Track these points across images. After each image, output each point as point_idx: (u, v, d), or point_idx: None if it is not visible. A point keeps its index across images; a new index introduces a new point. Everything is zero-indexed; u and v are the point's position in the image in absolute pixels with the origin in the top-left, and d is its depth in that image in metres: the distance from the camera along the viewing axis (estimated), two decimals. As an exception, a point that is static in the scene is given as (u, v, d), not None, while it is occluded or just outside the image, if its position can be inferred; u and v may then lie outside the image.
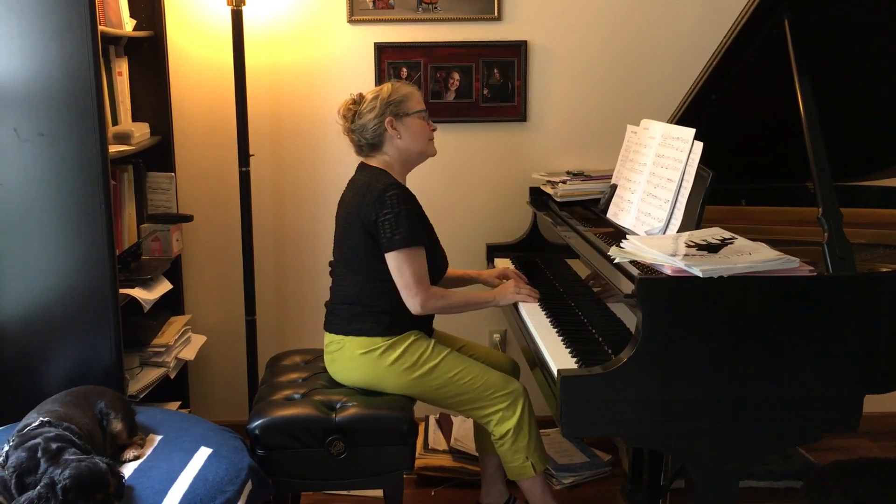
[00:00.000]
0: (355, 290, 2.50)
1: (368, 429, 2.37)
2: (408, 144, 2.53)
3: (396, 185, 2.45)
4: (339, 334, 2.51)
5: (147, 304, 2.66)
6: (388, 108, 2.50)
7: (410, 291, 2.42)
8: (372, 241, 2.43)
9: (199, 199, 3.28)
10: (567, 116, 3.30)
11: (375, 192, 2.42)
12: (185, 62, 3.19)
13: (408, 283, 2.42)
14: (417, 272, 2.42)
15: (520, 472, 2.48)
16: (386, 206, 2.39)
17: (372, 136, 2.52)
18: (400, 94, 2.53)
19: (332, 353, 2.54)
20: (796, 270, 1.89)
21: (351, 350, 2.49)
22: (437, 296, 2.48)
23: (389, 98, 2.51)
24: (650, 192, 2.39)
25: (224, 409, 3.36)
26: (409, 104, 2.53)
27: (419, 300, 2.43)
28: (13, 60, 2.30)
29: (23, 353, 2.41)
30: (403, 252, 2.40)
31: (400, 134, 2.51)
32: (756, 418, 1.92)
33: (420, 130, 2.54)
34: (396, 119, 2.50)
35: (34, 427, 1.88)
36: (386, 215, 2.39)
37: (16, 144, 2.32)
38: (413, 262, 2.41)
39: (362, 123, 2.52)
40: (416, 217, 2.44)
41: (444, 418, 3.29)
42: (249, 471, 2.12)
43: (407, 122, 2.52)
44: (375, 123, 2.50)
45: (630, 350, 1.88)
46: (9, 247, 2.37)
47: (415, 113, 2.53)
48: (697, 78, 2.58)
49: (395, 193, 2.41)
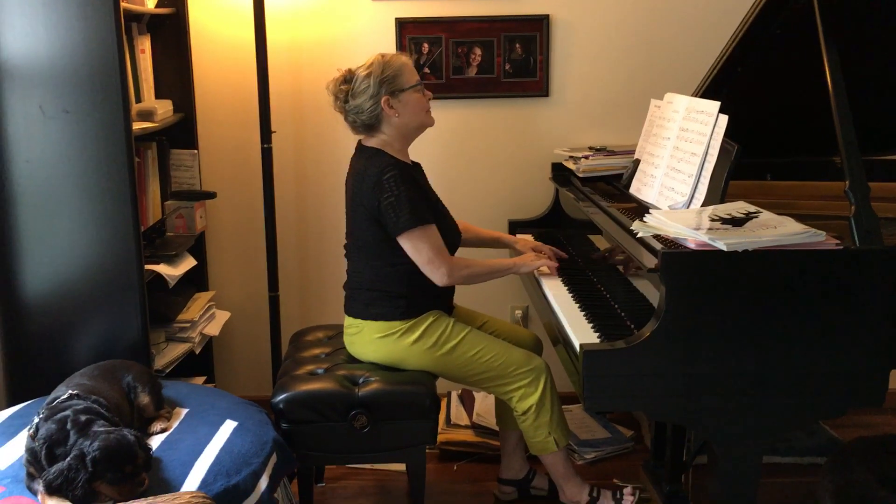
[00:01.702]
0: (370, 275, 2.49)
1: (391, 403, 2.38)
2: (406, 121, 2.46)
3: (392, 166, 2.39)
4: (358, 318, 2.52)
5: (172, 280, 2.69)
6: (383, 87, 2.40)
7: (433, 266, 2.41)
8: (379, 228, 2.41)
9: (222, 176, 3.29)
10: (589, 91, 3.27)
11: (372, 177, 2.38)
12: (207, 39, 3.20)
13: (428, 259, 2.41)
14: (434, 247, 2.41)
15: (542, 448, 2.49)
16: (385, 190, 2.35)
17: (368, 118, 2.44)
18: (393, 69, 2.42)
19: (352, 335, 2.55)
20: (822, 244, 1.87)
21: (370, 334, 2.49)
22: (461, 265, 2.47)
23: (383, 75, 2.40)
24: (674, 167, 2.36)
25: (248, 384, 3.40)
26: (404, 78, 2.43)
27: (444, 271, 2.41)
28: (38, 38, 2.31)
29: (51, 327, 2.45)
30: (414, 232, 2.37)
31: (398, 112, 2.43)
32: (780, 393, 1.91)
33: (417, 104, 2.46)
34: (393, 97, 2.41)
35: (63, 400, 1.91)
36: (387, 199, 2.35)
37: (41, 121, 2.35)
38: (427, 239, 2.39)
39: (357, 105, 2.43)
40: (417, 195, 2.40)
41: (466, 394, 3.31)
42: (274, 444, 2.14)
43: (404, 99, 2.43)
44: (371, 104, 2.41)
45: (653, 324, 1.87)
46: (36, 223, 2.40)
47: (410, 87, 2.43)
48: (723, 50, 2.55)
49: (391, 176, 2.36)
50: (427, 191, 2.53)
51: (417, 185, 2.45)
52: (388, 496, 2.85)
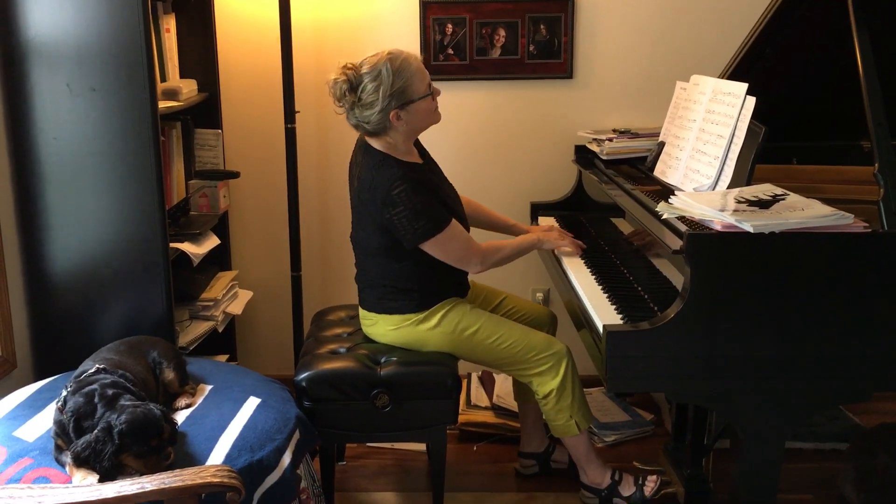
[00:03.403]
0: (377, 271, 2.48)
1: (413, 383, 2.39)
2: (413, 127, 2.38)
3: (399, 179, 2.29)
4: (372, 311, 2.52)
5: (196, 258, 2.71)
6: (392, 101, 2.28)
7: (466, 260, 2.42)
8: (387, 236, 2.37)
9: (246, 156, 3.30)
10: (614, 73, 3.25)
11: (381, 191, 2.29)
12: (232, 19, 3.20)
13: (459, 256, 2.41)
14: (461, 242, 2.40)
15: (564, 431, 2.50)
16: (397, 205, 2.28)
17: (375, 128, 2.34)
18: (403, 79, 2.28)
19: (368, 327, 2.56)
20: (850, 227, 1.85)
21: (385, 326, 2.50)
22: (492, 251, 2.48)
23: (393, 88, 2.27)
24: (699, 149, 2.35)
25: (270, 363, 3.42)
26: (415, 88, 2.30)
27: (476, 261, 2.43)
28: (65, 16, 2.33)
29: (77, 303, 2.48)
30: (438, 237, 2.33)
31: (406, 122, 2.33)
32: (804, 376, 1.90)
33: (426, 109, 2.36)
34: (402, 109, 2.30)
35: (91, 374, 1.93)
36: (400, 213, 2.28)
37: (68, 99, 2.36)
38: (451, 238, 2.36)
39: (364, 116, 2.31)
40: (429, 201, 2.33)
41: (487, 375, 3.32)
42: (297, 421, 2.16)
43: (413, 109, 2.32)
44: (379, 118, 2.30)
45: (678, 306, 1.86)
46: (63, 200, 2.43)
47: (420, 98, 2.32)
48: (750, 32, 2.52)
49: (400, 190, 2.27)
50: (437, 186, 2.45)
51: (428, 188, 2.37)
52: (408, 475, 2.87)
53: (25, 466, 1.84)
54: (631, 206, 2.37)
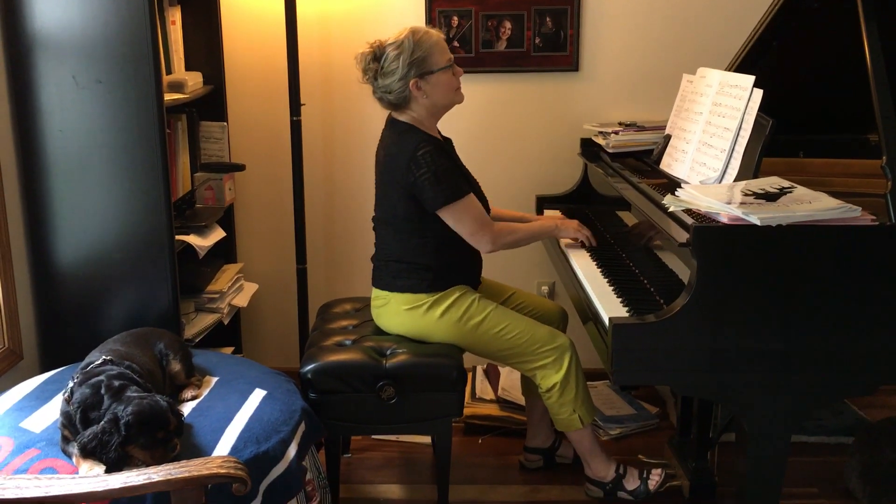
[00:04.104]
0: (397, 247, 2.50)
1: (418, 375, 2.40)
2: (434, 101, 2.44)
3: (426, 142, 2.39)
4: (385, 290, 2.53)
5: (202, 250, 2.71)
6: (412, 69, 2.38)
7: (478, 235, 2.43)
8: (412, 203, 2.41)
9: (251, 149, 3.30)
10: (620, 66, 3.24)
11: (407, 153, 2.37)
12: (237, 11, 3.20)
13: (471, 230, 2.42)
14: (476, 217, 2.42)
15: (567, 425, 2.50)
16: (421, 166, 2.35)
17: (396, 98, 2.43)
18: (423, 50, 2.38)
19: (379, 307, 2.57)
20: (858, 219, 1.84)
21: (396, 306, 2.51)
22: (505, 231, 2.49)
23: (413, 57, 2.37)
24: (706, 142, 2.34)
25: (275, 355, 3.43)
26: (434, 59, 2.40)
27: (488, 239, 2.43)
28: (71, 8, 2.33)
29: (84, 295, 2.48)
30: (456, 205, 2.39)
31: (426, 93, 2.41)
32: (810, 369, 1.90)
33: (447, 85, 2.44)
34: (422, 79, 2.39)
35: (97, 365, 1.94)
36: (423, 175, 2.35)
37: (74, 91, 2.36)
38: (468, 210, 2.41)
39: (385, 84, 2.41)
40: (452, 170, 2.42)
41: (492, 368, 3.32)
42: (303, 413, 2.16)
43: (433, 81, 2.41)
44: (400, 86, 2.39)
45: (684, 298, 1.86)
46: (69, 192, 2.43)
47: (440, 70, 2.41)
48: (758, 24, 2.51)
49: (425, 152, 2.36)
50: (460, 165, 2.55)
51: (452, 160, 2.47)
52: (413, 468, 2.88)
53: (32, 457, 1.84)
54: (637, 199, 2.36)
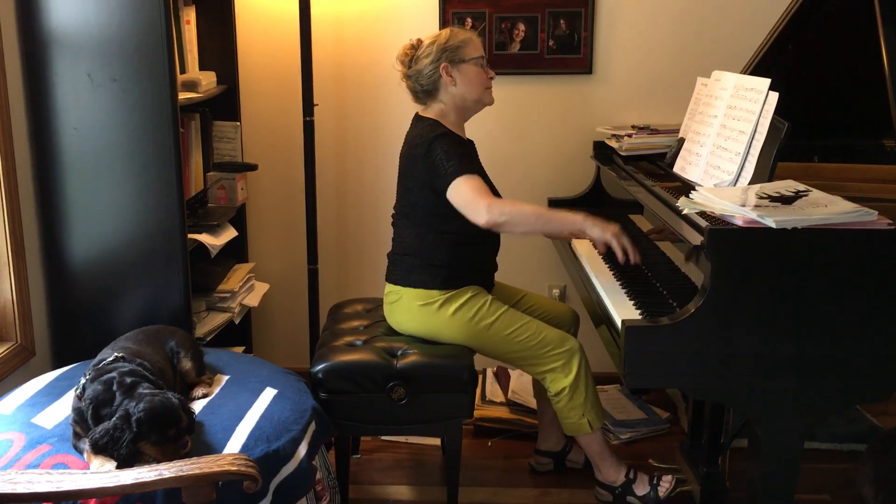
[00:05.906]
0: (414, 241, 2.50)
1: (429, 376, 2.39)
2: (462, 91, 2.50)
3: (446, 134, 2.44)
4: (398, 285, 2.53)
5: (214, 249, 2.71)
6: (444, 54, 2.47)
7: (473, 205, 2.33)
8: (432, 196, 2.42)
9: (264, 149, 3.31)
10: (634, 69, 3.23)
11: (426, 141, 2.42)
12: (252, 11, 3.20)
13: (467, 200, 2.35)
14: (475, 188, 2.35)
15: (576, 429, 2.49)
16: (436, 149, 2.39)
17: (427, 83, 2.50)
18: (458, 40, 2.49)
19: (391, 303, 2.56)
20: (874, 223, 1.83)
21: (408, 301, 2.50)
22: (508, 203, 2.36)
23: (446, 44, 2.48)
24: (720, 145, 2.33)
25: (285, 355, 3.43)
26: (466, 50, 2.49)
27: (483, 206, 2.30)
28: (87, 7, 2.34)
29: (96, 292, 2.49)
30: (459, 180, 2.35)
31: (455, 80, 2.49)
32: (825, 374, 1.88)
33: (476, 77, 2.51)
34: (452, 65, 2.48)
35: (109, 362, 1.94)
36: (438, 155, 2.39)
37: (90, 89, 2.37)
38: (469, 182, 2.35)
39: (418, 69, 2.50)
40: (467, 155, 2.46)
41: (502, 371, 3.31)
42: (313, 412, 2.16)
43: (462, 69, 2.48)
44: (431, 69, 2.48)
45: (698, 301, 1.85)
46: (83, 190, 2.44)
47: (471, 60, 2.49)
48: (773, 28, 2.50)
49: (443, 140, 2.40)
50: (478, 160, 2.58)
51: (469, 152, 2.51)
52: (423, 469, 2.87)
53: (44, 453, 1.84)
54: (650, 202, 2.35)
